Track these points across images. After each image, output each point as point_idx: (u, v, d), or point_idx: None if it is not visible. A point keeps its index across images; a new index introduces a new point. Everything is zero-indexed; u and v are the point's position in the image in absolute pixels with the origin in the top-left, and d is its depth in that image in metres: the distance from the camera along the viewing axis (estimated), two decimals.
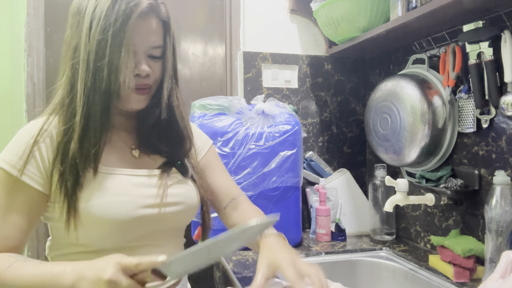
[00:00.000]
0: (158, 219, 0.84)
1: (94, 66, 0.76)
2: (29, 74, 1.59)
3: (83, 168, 0.78)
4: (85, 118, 0.77)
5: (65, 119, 0.78)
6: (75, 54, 0.78)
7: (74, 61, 0.77)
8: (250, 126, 1.37)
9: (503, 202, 0.96)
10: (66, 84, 0.79)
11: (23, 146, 0.77)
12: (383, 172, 1.46)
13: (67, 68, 0.79)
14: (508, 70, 1.02)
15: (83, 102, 0.76)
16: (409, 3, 1.21)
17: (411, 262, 1.24)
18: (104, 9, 0.75)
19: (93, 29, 0.75)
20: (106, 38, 0.75)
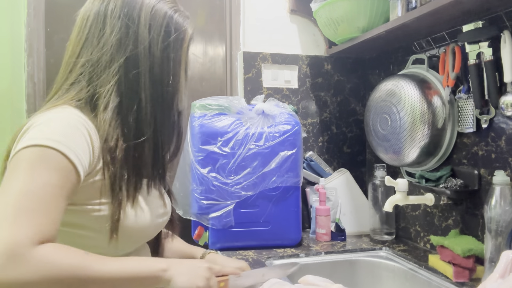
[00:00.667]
0: (159, 227, 0.90)
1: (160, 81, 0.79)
2: (30, 74, 1.59)
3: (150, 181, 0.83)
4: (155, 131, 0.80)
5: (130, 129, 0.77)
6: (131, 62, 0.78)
7: (134, 71, 0.77)
8: (250, 126, 1.37)
9: (502, 202, 0.96)
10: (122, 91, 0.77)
11: (76, 132, 0.71)
12: (382, 172, 1.46)
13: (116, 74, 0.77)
14: (508, 70, 1.02)
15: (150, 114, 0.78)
16: (409, 3, 1.22)
17: (410, 262, 1.24)
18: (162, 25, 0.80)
19: (154, 42, 0.79)
20: (169, 56, 0.80)
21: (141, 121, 0.78)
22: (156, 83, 0.79)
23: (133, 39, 0.78)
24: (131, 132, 0.77)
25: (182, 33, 0.83)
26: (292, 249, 1.36)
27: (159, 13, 0.80)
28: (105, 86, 0.77)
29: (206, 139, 1.33)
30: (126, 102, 0.77)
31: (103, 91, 0.77)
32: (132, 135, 0.77)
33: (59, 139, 0.68)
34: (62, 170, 0.66)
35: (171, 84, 0.81)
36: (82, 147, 0.70)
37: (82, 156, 0.69)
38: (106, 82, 0.77)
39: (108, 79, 0.77)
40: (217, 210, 1.32)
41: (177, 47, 0.82)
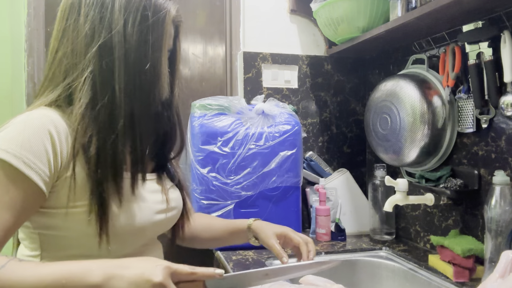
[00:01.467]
0: (163, 224, 0.86)
1: (135, 68, 0.73)
2: (30, 74, 1.59)
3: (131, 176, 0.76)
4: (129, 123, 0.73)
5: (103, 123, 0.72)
6: (104, 50, 0.72)
7: (107, 59, 0.72)
8: (250, 126, 1.38)
9: (502, 202, 0.96)
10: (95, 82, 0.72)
11: (33, 137, 0.67)
12: (382, 172, 1.46)
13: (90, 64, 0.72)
14: (508, 70, 1.02)
15: (124, 104, 0.72)
16: (409, 3, 1.22)
17: (410, 262, 1.24)
18: (139, 8, 0.73)
19: (129, 28, 0.73)
20: (146, 41, 0.73)
21: (115, 114, 0.72)
22: (132, 71, 0.73)
23: (106, 26, 0.73)
24: (105, 127, 0.72)
25: (162, 16, 0.75)
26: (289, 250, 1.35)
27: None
28: (79, 79, 0.72)
29: (206, 139, 1.33)
30: (99, 94, 0.72)
31: (77, 84, 0.72)
32: (106, 130, 0.72)
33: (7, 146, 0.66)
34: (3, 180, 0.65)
35: (149, 72, 0.73)
36: (38, 153, 0.67)
37: (36, 162, 0.67)
38: (80, 75, 0.72)
39: (82, 71, 0.72)
40: (217, 210, 1.33)
41: (157, 31, 0.74)
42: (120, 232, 0.73)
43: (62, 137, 0.71)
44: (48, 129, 0.69)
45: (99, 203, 0.70)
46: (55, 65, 0.76)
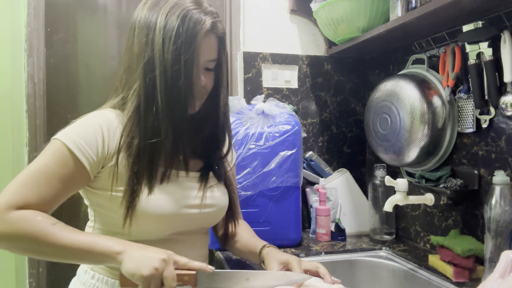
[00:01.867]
0: (196, 219, 0.94)
1: (172, 82, 0.83)
2: (30, 74, 1.59)
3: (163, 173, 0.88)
4: (168, 128, 0.84)
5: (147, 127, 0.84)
6: (148, 67, 0.83)
7: (150, 75, 0.83)
8: (250, 126, 1.38)
9: (502, 202, 0.96)
10: (141, 94, 0.84)
11: (89, 129, 0.84)
12: (382, 172, 1.46)
13: (138, 78, 0.85)
14: (508, 70, 1.02)
15: (165, 113, 0.84)
16: (409, 3, 1.22)
17: (410, 262, 1.24)
18: (174, 27, 0.82)
19: (166, 47, 0.82)
20: (179, 57, 0.82)
21: (159, 121, 0.84)
22: (171, 86, 0.83)
23: (150, 45, 0.83)
24: (149, 131, 0.84)
25: (195, 30, 0.83)
26: (292, 249, 1.36)
27: (173, 15, 0.83)
28: (131, 90, 0.86)
29: None
30: (144, 105, 0.84)
31: (129, 94, 0.86)
32: (149, 134, 0.84)
33: (68, 134, 0.83)
34: (60, 157, 0.81)
35: (183, 85, 0.83)
36: (90, 142, 0.83)
37: (85, 148, 0.82)
38: (131, 87, 0.86)
39: (133, 83, 0.86)
40: None
41: (188, 46, 0.82)
42: (144, 218, 0.85)
43: (111, 133, 0.86)
44: (100, 125, 0.85)
45: (131, 190, 0.84)
46: (118, 78, 0.91)
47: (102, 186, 0.86)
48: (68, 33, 1.68)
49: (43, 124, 1.61)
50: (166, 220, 0.88)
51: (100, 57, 1.72)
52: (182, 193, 0.91)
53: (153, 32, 0.83)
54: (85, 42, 1.70)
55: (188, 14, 0.83)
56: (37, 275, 1.60)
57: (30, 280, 1.59)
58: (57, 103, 1.66)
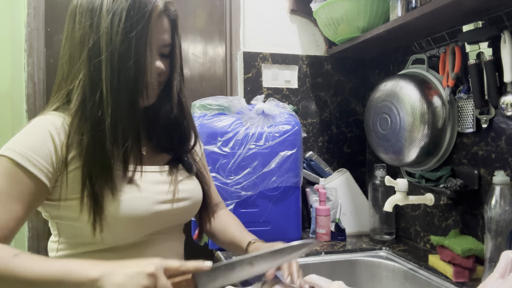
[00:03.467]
0: (170, 215, 0.87)
1: (119, 67, 0.76)
2: (30, 74, 1.59)
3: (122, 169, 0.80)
4: (115, 119, 0.77)
5: (92, 120, 0.77)
6: (93, 53, 0.76)
7: (95, 61, 0.76)
8: (250, 126, 1.38)
9: (502, 202, 0.96)
10: (86, 84, 0.77)
11: (36, 138, 0.76)
12: (382, 172, 1.46)
13: (82, 67, 0.77)
14: (508, 70, 1.02)
15: (111, 102, 0.76)
16: (409, 3, 1.22)
17: (410, 262, 1.24)
18: (124, 8, 0.76)
19: (114, 29, 0.75)
20: (129, 38, 0.75)
21: (103, 110, 0.76)
22: (116, 70, 0.76)
23: (95, 30, 0.76)
24: (95, 124, 0.76)
25: (147, 12, 0.77)
26: None
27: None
28: (75, 81, 0.78)
29: (206, 139, 1.33)
30: (89, 95, 0.76)
31: (73, 86, 0.78)
32: (96, 127, 0.76)
33: (14, 147, 0.74)
34: (11, 175, 0.73)
35: (133, 68, 0.76)
36: (41, 151, 0.75)
37: (38, 160, 0.74)
38: (75, 77, 0.78)
39: (77, 73, 0.78)
40: None
41: (140, 28, 0.76)
42: (116, 221, 0.78)
43: (61, 137, 0.78)
44: (49, 130, 0.77)
45: (90, 195, 0.76)
46: (58, 71, 0.82)
47: (61, 196, 0.78)
48: None
49: None
50: (140, 220, 0.81)
51: None
52: (151, 189, 0.84)
53: (99, 15, 0.76)
54: None
55: None
56: None
57: None
58: None
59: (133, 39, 0.76)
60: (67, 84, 0.80)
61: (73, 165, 0.78)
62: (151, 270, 0.65)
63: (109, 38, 0.75)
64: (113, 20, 0.75)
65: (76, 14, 0.79)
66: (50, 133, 0.77)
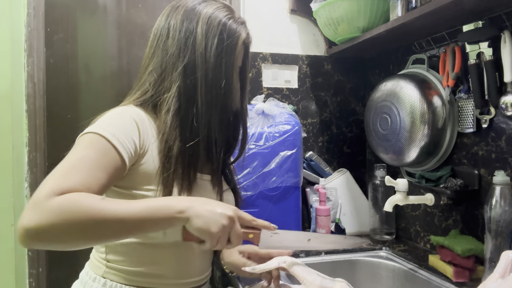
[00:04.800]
0: None
1: (212, 84, 0.86)
2: (30, 74, 1.59)
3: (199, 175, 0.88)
4: (209, 131, 0.86)
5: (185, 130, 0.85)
6: (189, 69, 0.86)
7: (192, 77, 0.85)
8: (250, 126, 1.38)
9: (502, 202, 0.96)
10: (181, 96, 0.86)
11: (123, 121, 0.82)
12: (383, 172, 1.46)
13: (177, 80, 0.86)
14: (508, 70, 1.02)
15: (205, 116, 0.86)
16: (409, 3, 1.22)
17: (410, 262, 1.24)
18: (216, 33, 0.87)
19: (209, 50, 0.86)
20: (221, 61, 0.86)
21: (198, 122, 0.85)
22: (211, 87, 0.86)
23: (191, 48, 0.86)
24: (188, 133, 0.85)
25: (235, 39, 0.88)
26: None
27: (213, 22, 0.87)
28: (168, 92, 0.86)
29: None
30: (184, 106, 0.85)
31: (166, 96, 0.86)
32: (188, 135, 0.85)
33: (105, 127, 0.80)
34: (101, 148, 0.77)
35: (224, 87, 0.86)
36: (126, 135, 0.80)
37: (124, 141, 0.79)
38: (168, 88, 0.86)
39: (170, 85, 0.86)
40: None
41: (229, 52, 0.87)
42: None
43: (144, 129, 0.84)
44: (135, 120, 0.83)
45: (167, 192, 0.82)
46: (145, 76, 0.90)
47: (127, 185, 0.83)
48: (68, 33, 1.68)
49: (43, 124, 1.61)
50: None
51: (100, 57, 1.72)
52: (205, 195, 0.88)
53: (194, 36, 0.86)
54: (85, 42, 1.70)
55: (228, 22, 0.88)
56: (37, 275, 1.60)
57: (30, 280, 1.59)
58: (57, 103, 1.66)
59: (225, 63, 0.87)
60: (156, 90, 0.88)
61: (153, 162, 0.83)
62: (231, 213, 0.74)
63: (203, 58, 0.85)
64: (207, 43, 0.86)
65: (169, 29, 0.88)
66: (136, 123, 0.83)
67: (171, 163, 0.84)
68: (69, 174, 0.72)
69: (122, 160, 0.78)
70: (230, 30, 0.88)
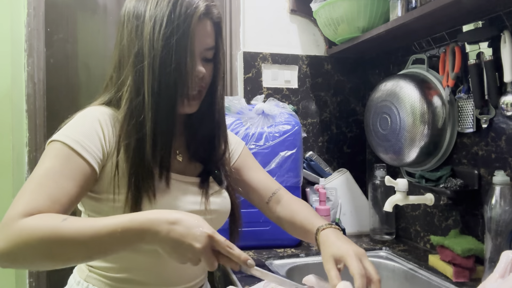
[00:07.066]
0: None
1: (160, 72, 0.77)
2: (30, 74, 1.59)
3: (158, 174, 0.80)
4: (155, 124, 0.78)
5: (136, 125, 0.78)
6: (138, 58, 0.78)
7: (139, 67, 0.77)
8: (250, 126, 1.37)
9: (502, 202, 0.96)
10: (132, 89, 0.79)
11: (87, 125, 0.78)
12: (382, 172, 1.46)
13: (130, 73, 0.79)
14: (508, 70, 1.02)
15: (151, 107, 0.77)
16: (409, 3, 1.22)
17: (410, 262, 1.24)
18: (165, 14, 0.76)
19: (156, 34, 0.76)
20: (170, 44, 0.76)
21: (144, 116, 0.78)
22: (157, 75, 0.77)
23: (139, 36, 0.78)
24: (139, 130, 0.78)
25: (188, 15, 0.77)
26: (292, 249, 1.36)
27: (162, 2, 0.77)
28: (125, 86, 0.80)
29: None
30: (134, 100, 0.78)
31: (123, 91, 0.80)
32: (140, 132, 0.78)
33: (68, 133, 0.76)
34: (64, 157, 0.74)
35: (174, 73, 0.76)
36: (90, 139, 0.77)
37: (90, 146, 0.76)
38: (124, 82, 0.80)
39: (126, 79, 0.80)
40: None
41: (181, 32, 0.76)
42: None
43: (110, 128, 0.80)
44: (98, 120, 0.79)
45: (134, 197, 0.77)
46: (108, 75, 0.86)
47: (101, 189, 0.79)
48: (68, 33, 1.68)
49: (43, 124, 1.61)
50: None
51: (100, 57, 1.72)
52: (184, 198, 0.84)
53: (143, 21, 0.77)
54: (85, 42, 1.70)
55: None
56: (37, 275, 1.60)
57: (30, 280, 1.59)
58: (57, 103, 1.67)
59: (174, 44, 0.76)
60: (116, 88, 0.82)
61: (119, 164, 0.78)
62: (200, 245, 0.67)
63: (151, 44, 0.76)
64: (154, 26, 0.76)
65: (124, 21, 0.81)
66: (100, 123, 0.79)
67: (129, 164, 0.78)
68: (36, 192, 0.70)
69: (90, 166, 0.75)
70: (183, 6, 0.77)
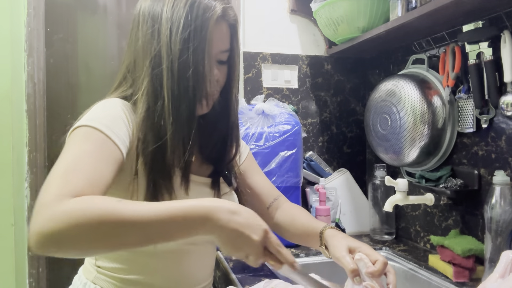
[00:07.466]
0: None
1: (179, 76, 0.75)
2: (30, 74, 1.59)
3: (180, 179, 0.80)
4: (175, 129, 0.76)
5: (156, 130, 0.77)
6: (155, 61, 0.76)
7: (157, 70, 0.76)
8: (250, 126, 1.38)
9: (502, 202, 0.96)
10: (149, 93, 0.77)
11: (115, 113, 0.76)
12: (383, 172, 1.46)
13: (147, 75, 0.77)
14: (508, 70, 1.02)
15: (172, 112, 0.76)
16: (409, 3, 1.22)
17: (410, 262, 1.24)
18: (182, 16, 0.75)
19: (173, 37, 0.75)
20: (188, 47, 0.75)
21: (165, 121, 0.76)
22: (177, 79, 0.75)
23: (157, 39, 0.76)
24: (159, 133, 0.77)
25: (205, 18, 0.75)
26: (292, 249, 1.36)
27: (180, 3, 0.76)
28: (141, 89, 0.78)
29: None
30: (152, 104, 0.77)
31: (140, 95, 0.78)
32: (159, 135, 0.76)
33: (96, 119, 0.74)
34: (96, 140, 0.71)
35: (192, 77, 0.75)
36: (118, 124, 0.75)
37: (118, 132, 0.74)
38: (140, 86, 0.78)
39: (141, 83, 0.78)
40: None
41: (199, 35, 0.75)
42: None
43: (132, 119, 0.78)
44: (123, 110, 0.78)
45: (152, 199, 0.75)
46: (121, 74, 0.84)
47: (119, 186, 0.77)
48: (68, 33, 1.69)
49: (43, 124, 1.61)
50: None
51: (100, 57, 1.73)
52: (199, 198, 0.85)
53: (159, 23, 0.76)
54: (85, 42, 1.70)
55: (197, 0, 0.76)
56: (37, 275, 1.60)
57: (30, 280, 1.59)
58: (57, 103, 1.67)
59: (191, 48, 0.75)
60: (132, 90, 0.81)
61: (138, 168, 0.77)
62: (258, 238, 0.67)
63: (169, 47, 0.75)
64: (171, 29, 0.75)
65: (139, 21, 0.80)
66: (124, 113, 0.77)
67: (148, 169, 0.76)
68: (73, 173, 0.66)
69: (120, 151, 0.73)
70: (200, 8, 0.75)
